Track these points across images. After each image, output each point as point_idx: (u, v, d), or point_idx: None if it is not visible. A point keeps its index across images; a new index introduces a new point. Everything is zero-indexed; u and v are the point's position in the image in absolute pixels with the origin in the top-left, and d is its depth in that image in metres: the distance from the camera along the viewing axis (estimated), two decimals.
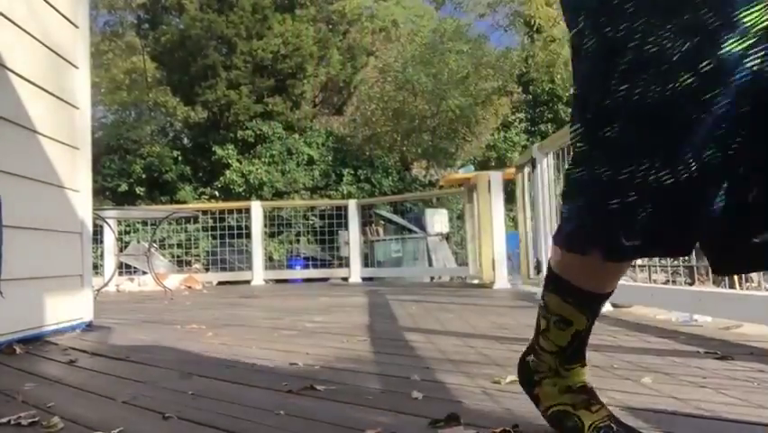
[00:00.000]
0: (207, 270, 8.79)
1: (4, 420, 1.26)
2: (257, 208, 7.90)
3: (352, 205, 7.95)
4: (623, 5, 0.86)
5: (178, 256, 9.48)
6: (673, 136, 0.83)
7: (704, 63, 0.79)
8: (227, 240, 8.89)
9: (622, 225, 0.90)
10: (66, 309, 2.81)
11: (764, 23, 0.77)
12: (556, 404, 1.10)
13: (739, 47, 0.77)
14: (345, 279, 7.84)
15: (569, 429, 1.07)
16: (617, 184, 0.88)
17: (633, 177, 0.86)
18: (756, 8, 0.77)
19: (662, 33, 0.82)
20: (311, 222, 11.09)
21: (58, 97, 2.79)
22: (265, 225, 8.41)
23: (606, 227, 0.92)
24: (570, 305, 1.08)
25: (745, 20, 0.77)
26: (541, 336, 1.14)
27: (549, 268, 1.11)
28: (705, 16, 0.79)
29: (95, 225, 4.68)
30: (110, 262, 6.91)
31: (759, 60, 0.77)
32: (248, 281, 7.67)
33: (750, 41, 0.77)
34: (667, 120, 0.83)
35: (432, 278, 8.62)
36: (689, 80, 0.80)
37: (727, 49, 0.78)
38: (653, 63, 0.83)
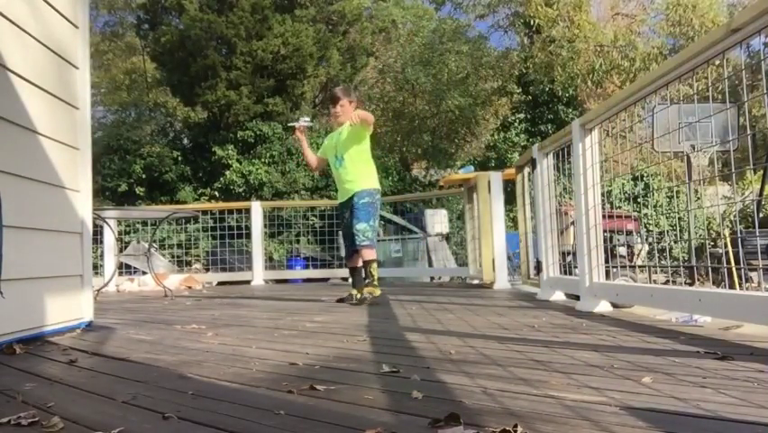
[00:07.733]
0: (207, 270, 8.79)
1: (4, 420, 1.26)
2: (257, 209, 7.90)
3: None
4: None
5: (178, 256, 9.48)
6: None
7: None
8: (227, 240, 8.89)
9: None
10: (66, 309, 2.81)
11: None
12: None
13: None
14: (345, 279, 7.83)
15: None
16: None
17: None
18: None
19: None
20: (311, 222, 11.09)
21: (58, 97, 2.79)
22: (265, 226, 8.40)
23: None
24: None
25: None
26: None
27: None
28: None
29: (95, 225, 4.68)
30: (110, 262, 6.92)
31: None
32: (248, 281, 7.68)
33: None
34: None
35: (432, 278, 8.62)
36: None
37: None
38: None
